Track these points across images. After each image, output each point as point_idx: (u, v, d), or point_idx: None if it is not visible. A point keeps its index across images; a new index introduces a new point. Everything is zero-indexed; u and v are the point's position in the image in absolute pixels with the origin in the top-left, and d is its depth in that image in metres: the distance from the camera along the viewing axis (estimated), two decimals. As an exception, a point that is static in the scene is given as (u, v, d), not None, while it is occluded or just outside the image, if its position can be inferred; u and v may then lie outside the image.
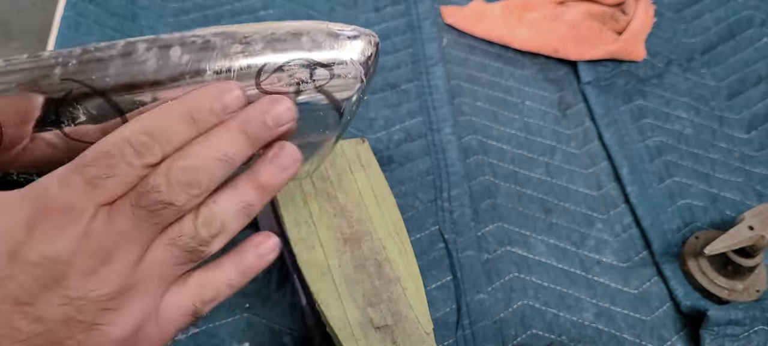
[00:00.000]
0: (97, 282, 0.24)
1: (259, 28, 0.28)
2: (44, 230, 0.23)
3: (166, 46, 0.27)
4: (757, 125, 0.52)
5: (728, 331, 0.40)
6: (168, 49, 0.27)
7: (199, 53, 0.27)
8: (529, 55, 0.57)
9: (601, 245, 0.45)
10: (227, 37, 0.28)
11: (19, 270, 0.23)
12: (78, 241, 0.23)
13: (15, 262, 0.23)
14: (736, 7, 0.60)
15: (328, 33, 0.29)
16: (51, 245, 0.23)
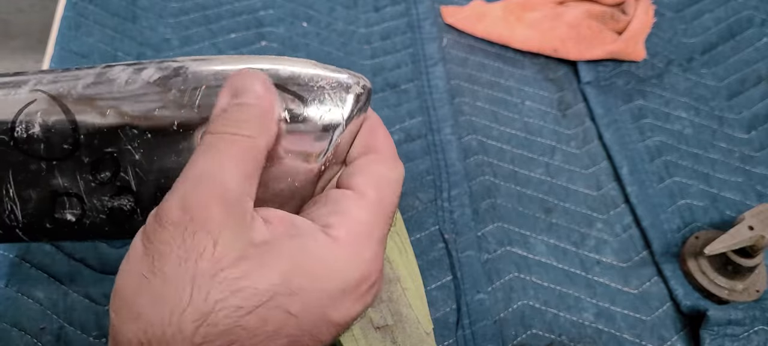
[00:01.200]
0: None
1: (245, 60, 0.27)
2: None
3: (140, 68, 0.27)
4: (757, 125, 0.52)
5: (728, 331, 0.40)
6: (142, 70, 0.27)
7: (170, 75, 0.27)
8: (529, 55, 0.57)
9: (601, 245, 0.45)
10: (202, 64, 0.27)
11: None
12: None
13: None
14: (736, 7, 0.60)
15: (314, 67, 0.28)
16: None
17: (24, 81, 0.27)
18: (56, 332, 0.37)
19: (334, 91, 0.27)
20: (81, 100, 0.27)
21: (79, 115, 0.27)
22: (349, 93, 0.28)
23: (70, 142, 0.27)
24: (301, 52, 0.55)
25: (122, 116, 0.26)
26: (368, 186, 0.26)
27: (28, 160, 0.27)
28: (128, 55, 0.53)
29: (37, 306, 0.38)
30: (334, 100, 0.27)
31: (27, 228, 0.28)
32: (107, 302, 0.39)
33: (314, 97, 0.27)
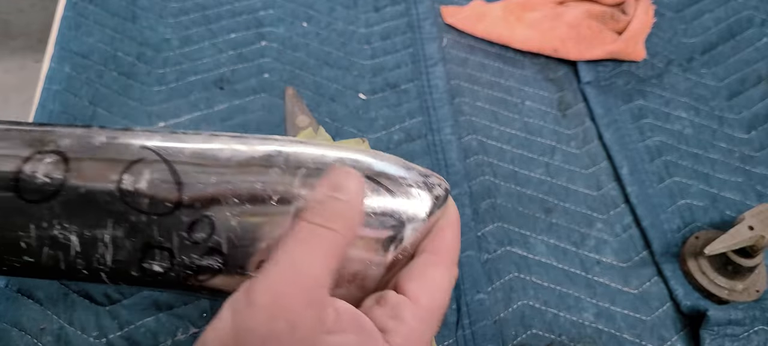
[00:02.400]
0: None
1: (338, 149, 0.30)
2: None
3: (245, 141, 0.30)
4: (757, 125, 0.52)
5: (728, 331, 0.40)
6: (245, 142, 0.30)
7: (272, 156, 0.29)
8: (529, 55, 0.57)
9: (601, 245, 0.45)
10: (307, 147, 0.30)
11: None
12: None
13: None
14: (736, 7, 0.60)
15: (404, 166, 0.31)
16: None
17: (133, 136, 0.30)
18: (56, 332, 0.37)
19: (419, 189, 0.30)
20: (188, 165, 0.29)
21: (185, 179, 0.29)
22: (432, 192, 0.30)
23: (174, 201, 0.28)
24: (301, 52, 0.55)
25: (225, 186, 0.29)
26: (422, 293, 0.28)
27: (130, 212, 0.28)
28: (128, 55, 0.53)
29: (37, 306, 0.38)
30: (418, 197, 0.30)
31: (112, 273, 0.30)
32: (107, 303, 0.39)
33: (401, 193, 0.30)
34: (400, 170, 0.30)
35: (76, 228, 0.29)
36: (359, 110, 0.51)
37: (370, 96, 0.52)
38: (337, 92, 0.52)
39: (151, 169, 0.29)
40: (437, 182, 0.31)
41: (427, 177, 0.31)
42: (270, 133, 0.49)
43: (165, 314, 0.39)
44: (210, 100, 0.51)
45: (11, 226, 0.29)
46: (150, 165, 0.29)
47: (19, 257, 0.30)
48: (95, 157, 0.29)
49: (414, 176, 0.30)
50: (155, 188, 0.29)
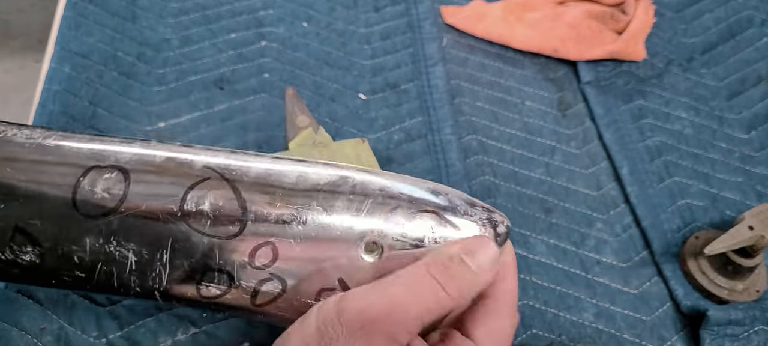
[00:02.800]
0: None
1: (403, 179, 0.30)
2: None
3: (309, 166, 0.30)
4: (757, 125, 0.52)
5: (728, 331, 0.40)
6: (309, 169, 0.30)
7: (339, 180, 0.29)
8: (529, 55, 0.57)
9: (601, 245, 0.45)
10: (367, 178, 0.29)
11: None
12: None
13: None
14: (736, 7, 0.60)
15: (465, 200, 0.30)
16: None
17: (194, 153, 0.29)
18: (56, 332, 0.37)
19: (484, 226, 0.29)
20: (253, 188, 0.28)
21: (249, 203, 0.28)
22: (496, 230, 0.30)
23: (238, 225, 0.28)
24: (301, 52, 0.55)
25: (290, 211, 0.28)
26: (487, 340, 0.29)
27: (191, 233, 0.28)
28: (128, 55, 0.53)
29: (37, 306, 0.38)
30: (483, 232, 0.29)
31: (166, 293, 0.29)
32: (108, 303, 0.39)
33: (467, 230, 0.29)
34: (465, 206, 0.30)
35: (134, 246, 0.28)
36: (359, 110, 0.51)
37: (370, 96, 0.52)
38: (337, 92, 0.52)
39: (215, 190, 0.28)
40: (500, 219, 0.30)
41: (491, 214, 0.30)
42: (269, 133, 0.49)
43: (165, 314, 0.39)
44: (210, 100, 0.51)
45: (66, 240, 0.28)
46: (213, 186, 0.28)
47: (71, 271, 0.29)
48: (157, 174, 0.29)
49: (479, 212, 0.30)
50: (218, 211, 0.28)
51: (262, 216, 0.28)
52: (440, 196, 0.29)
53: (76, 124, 0.47)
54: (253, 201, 0.28)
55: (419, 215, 0.28)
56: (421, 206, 0.29)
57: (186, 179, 0.28)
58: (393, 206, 0.29)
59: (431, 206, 0.29)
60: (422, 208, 0.29)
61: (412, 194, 0.29)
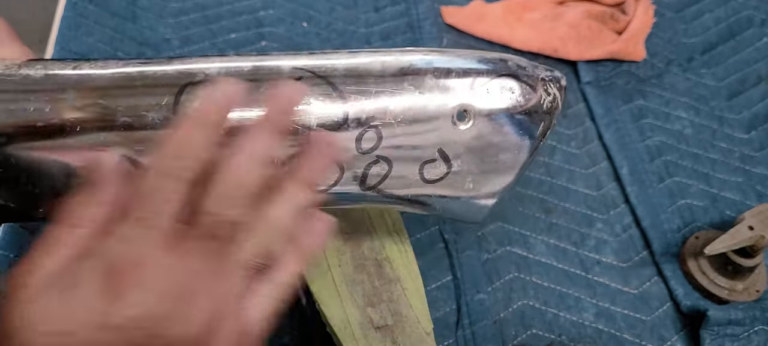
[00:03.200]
0: (185, 325, 0.24)
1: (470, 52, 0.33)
2: (123, 293, 0.23)
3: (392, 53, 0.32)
4: (757, 125, 0.52)
5: (728, 331, 0.40)
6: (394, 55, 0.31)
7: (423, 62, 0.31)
8: (529, 54, 0.57)
9: (601, 245, 0.45)
10: (446, 54, 0.32)
11: (113, 338, 0.23)
12: (158, 293, 0.23)
13: (107, 332, 0.23)
14: (736, 7, 0.60)
15: (530, 63, 0.33)
16: (134, 305, 0.23)
17: (278, 59, 0.30)
18: (56, 332, 0.37)
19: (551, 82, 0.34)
20: (347, 80, 0.30)
21: (347, 93, 0.30)
22: (560, 81, 0.35)
23: (341, 115, 0.30)
24: (301, 52, 0.55)
25: (386, 95, 0.30)
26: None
27: (298, 129, 0.30)
28: (128, 55, 0.53)
29: (37, 306, 0.38)
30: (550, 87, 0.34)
31: None
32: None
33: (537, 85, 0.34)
34: (531, 67, 0.33)
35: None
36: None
37: (370, 96, 0.52)
38: (337, 92, 0.52)
39: (312, 87, 0.30)
40: (560, 74, 0.35)
41: (551, 71, 0.34)
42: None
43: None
44: (210, 100, 0.51)
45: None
46: (310, 84, 0.30)
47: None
48: (251, 82, 0.29)
49: (542, 70, 0.34)
50: (320, 105, 0.29)
51: (362, 103, 0.30)
52: (509, 62, 0.32)
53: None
54: (350, 91, 0.30)
55: (498, 79, 0.32)
56: (496, 72, 0.32)
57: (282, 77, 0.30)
58: (473, 76, 0.31)
59: (505, 70, 0.32)
60: (499, 73, 0.32)
61: (486, 63, 0.32)
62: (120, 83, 0.29)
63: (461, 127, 0.31)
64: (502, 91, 0.32)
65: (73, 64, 0.29)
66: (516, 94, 0.32)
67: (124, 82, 0.29)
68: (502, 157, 0.32)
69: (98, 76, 0.29)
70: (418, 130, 0.31)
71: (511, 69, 0.32)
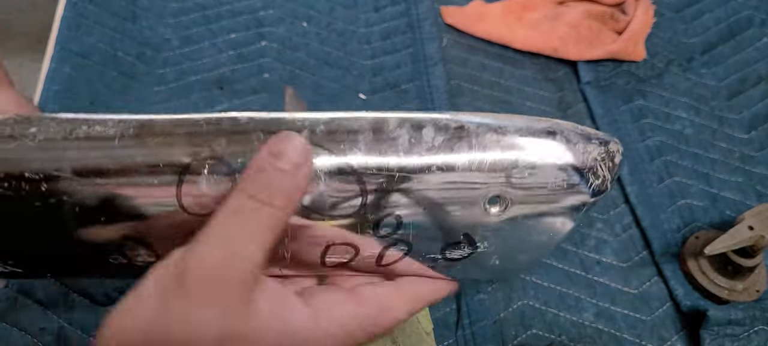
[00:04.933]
0: None
1: (514, 120, 0.28)
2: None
3: (418, 125, 0.27)
4: (757, 125, 0.52)
5: (728, 331, 0.40)
6: (421, 127, 0.27)
7: (452, 138, 0.27)
8: (529, 55, 0.57)
9: (601, 245, 0.45)
10: (482, 126, 0.27)
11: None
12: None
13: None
14: (736, 7, 0.60)
15: (581, 134, 0.28)
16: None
17: (294, 126, 0.27)
18: (56, 332, 0.37)
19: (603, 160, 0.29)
20: (365, 158, 0.26)
21: (366, 178, 0.26)
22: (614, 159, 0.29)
23: (357, 203, 0.27)
24: (301, 52, 0.55)
25: (409, 182, 0.27)
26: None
27: (310, 215, 0.27)
28: (128, 55, 0.53)
29: (37, 306, 0.38)
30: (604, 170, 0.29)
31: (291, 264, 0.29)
32: (108, 302, 0.39)
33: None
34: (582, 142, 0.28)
35: None
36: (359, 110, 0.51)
37: (370, 96, 0.52)
38: (337, 92, 0.52)
39: (328, 170, 0.26)
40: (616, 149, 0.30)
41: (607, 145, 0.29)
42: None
43: (165, 314, 0.39)
44: (210, 100, 0.51)
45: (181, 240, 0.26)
46: (325, 165, 0.26)
47: None
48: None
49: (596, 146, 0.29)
50: (336, 191, 0.26)
51: (382, 189, 0.27)
52: (557, 136, 0.27)
53: (76, 124, 0.47)
54: (371, 175, 0.26)
55: (540, 164, 0.27)
56: (539, 154, 0.27)
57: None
58: (513, 157, 0.27)
59: (550, 155, 0.27)
60: (543, 157, 0.27)
61: (528, 139, 0.27)
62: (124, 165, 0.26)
63: (492, 211, 0.28)
64: (543, 178, 0.27)
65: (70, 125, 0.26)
66: (559, 181, 0.27)
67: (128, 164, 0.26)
68: (536, 239, 0.29)
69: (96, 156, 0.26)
70: (443, 216, 0.28)
71: (556, 147, 0.27)
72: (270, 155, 0.25)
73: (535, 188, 0.27)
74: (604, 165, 0.28)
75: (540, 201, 0.28)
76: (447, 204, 0.27)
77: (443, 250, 0.29)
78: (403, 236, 0.28)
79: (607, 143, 0.29)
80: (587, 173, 0.28)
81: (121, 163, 0.25)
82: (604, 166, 0.28)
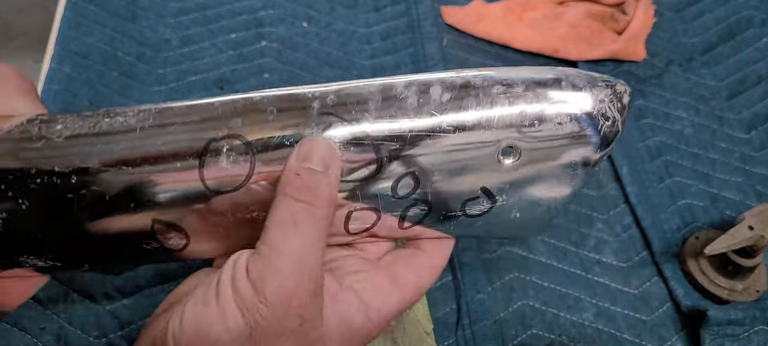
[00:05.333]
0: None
1: (519, 71, 0.28)
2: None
3: (426, 85, 0.27)
4: (757, 125, 0.52)
5: (728, 331, 0.40)
6: (428, 87, 0.27)
7: (460, 93, 0.27)
8: (529, 55, 0.57)
9: (601, 245, 0.45)
10: (488, 79, 0.27)
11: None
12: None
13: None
14: (736, 7, 0.60)
15: (587, 78, 0.28)
16: None
17: (305, 98, 0.27)
18: (56, 332, 0.37)
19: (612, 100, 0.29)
20: (378, 122, 0.27)
21: (381, 141, 0.27)
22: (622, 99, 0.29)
23: (374, 165, 0.27)
24: (301, 52, 0.55)
25: (423, 142, 0.27)
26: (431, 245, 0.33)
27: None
28: (128, 55, 0.53)
29: (37, 306, 0.38)
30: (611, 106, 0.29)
31: None
32: (108, 302, 0.39)
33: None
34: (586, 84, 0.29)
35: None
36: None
37: (370, 96, 0.52)
38: (337, 92, 0.52)
39: (344, 137, 0.27)
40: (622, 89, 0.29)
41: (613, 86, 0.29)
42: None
43: (165, 314, 0.39)
44: (210, 100, 0.51)
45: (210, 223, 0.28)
46: (340, 132, 0.27)
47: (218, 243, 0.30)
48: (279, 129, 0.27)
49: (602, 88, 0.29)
50: (353, 156, 0.27)
51: (396, 150, 0.27)
52: (563, 83, 0.28)
53: (76, 124, 0.47)
54: (384, 138, 0.27)
55: (549, 109, 0.27)
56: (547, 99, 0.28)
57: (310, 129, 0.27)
58: (520, 107, 0.27)
59: (557, 97, 0.28)
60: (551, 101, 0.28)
61: (535, 89, 0.27)
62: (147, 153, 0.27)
63: (506, 162, 0.28)
64: (553, 122, 0.28)
65: (93, 120, 0.27)
66: (569, 127, 0.28)
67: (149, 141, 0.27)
68: (553, 188, 0.30)
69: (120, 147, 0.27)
70: (459, 171, 0.28)
71: (564, 94, 0.28)
72: (300, 159, 0.26)
73: (546, 135, 0.28)
74: (613, 106, 0.28)
75: (553, 148, 0.28)
76: (461, 160, 0.28)
77: (463, 206, 0.29)
78: (421, 195, 0.28)
79: (614, 85, 0.29)
80: (597, 116, 0.28)
81: (145, 152, 0.26)
82: (613, 108, 0.28)
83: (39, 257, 0.29)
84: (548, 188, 0.29)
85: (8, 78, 0.30)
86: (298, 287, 0.25)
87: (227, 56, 0.54)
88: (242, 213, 0.28)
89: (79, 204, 0.27)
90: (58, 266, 0.29)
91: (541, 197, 0.30)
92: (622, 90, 0.29)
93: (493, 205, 0.30)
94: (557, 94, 0.27)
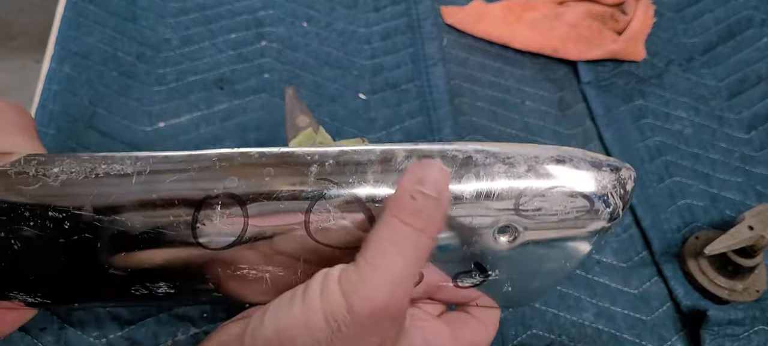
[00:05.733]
0: None
1: (521, 149, 0.28)
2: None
3: (426, 156, 0.27)
4: (757, 125, 0.52)
5: (728, 331, 0.40)
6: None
7: (460, 169, 0.27)
8: (529, 55, 0.57)
9: (601, 245, 0.45)
10: (489, 156, 0.27)
11: None
12: None
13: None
14: (736, 7, 0.60)
15: (591, 162, 0.28)
16: None
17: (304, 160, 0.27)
18: (56, 332, 0.37)
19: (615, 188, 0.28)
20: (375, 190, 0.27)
21: (376, 213, 0.27)
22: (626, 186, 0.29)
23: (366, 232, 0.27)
24: (301, 52, 0.55)
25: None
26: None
27: (319, 249, 0.27)
28: (128, 55, 0.53)
29: (37, 306, 0.38)
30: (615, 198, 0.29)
31: None
32: (107, 302, 0.39)
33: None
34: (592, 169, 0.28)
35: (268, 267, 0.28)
36: (359, 110, 0.51)
37: (370, 96, 0.52)
38: (337, 92, 0.52)
39: (337, 208, 0.27)
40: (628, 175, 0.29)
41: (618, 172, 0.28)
42: (269, 133, 0.49)
43: (165, 314, 0.39)
44: (210, 100, 0.51)
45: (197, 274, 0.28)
46: (335, 204, 0.26)
47: (208, 293, 0.29)
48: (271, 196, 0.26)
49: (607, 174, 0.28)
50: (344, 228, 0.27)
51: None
52: (566, 164, 0.27)
53: (76, 124, 0.47)
54: (378, 210, 0.27)
55: (549, 193, 0.27)
56: (548, 184, 0.27)
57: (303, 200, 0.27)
58: (521, 187, 0.27)
59: (558, 182, 0.27)
60: (552, 186, 0.27)
61: (537, 169, 0.27)
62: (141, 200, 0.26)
63: (502, 240, 0.28)
64: (552, 207, 0.27)
65: (90, 165, 0.27)
66: (568, 210, 0.27)
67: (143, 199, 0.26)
68: (548, 267, 0.29)
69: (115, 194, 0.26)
70: (454, 247, 0.28)
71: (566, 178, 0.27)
72: (415, 181, 0.25)
73: (544, 217, 0.27)
74: (615, 193, 0.28)
75: (550, 230, 0.28)
76: (456, 233, 0.27)
77: (455, 278, 0.29)
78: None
79: (619, 170, 0.28)
80: (597, 201, 0.27)
81: (139, 201, 0.26)
82: (615, 194, 0.28)
83: (28, 294, 0.29)
84: (543, 266, 0.29)
85: (8, 115, 0.30)
86: (387, 306, 0.24)
87: (227, 56, 0.54)
88: (232, 270, 0.28)
89: (70, 248, 0.27)
90: (47, 303, 0.29)
91: (536, 273, 0.30)
92: (627, 176, 0.28)
93: (486, 279, 0.29)
94: (559, 178, 0.27)
